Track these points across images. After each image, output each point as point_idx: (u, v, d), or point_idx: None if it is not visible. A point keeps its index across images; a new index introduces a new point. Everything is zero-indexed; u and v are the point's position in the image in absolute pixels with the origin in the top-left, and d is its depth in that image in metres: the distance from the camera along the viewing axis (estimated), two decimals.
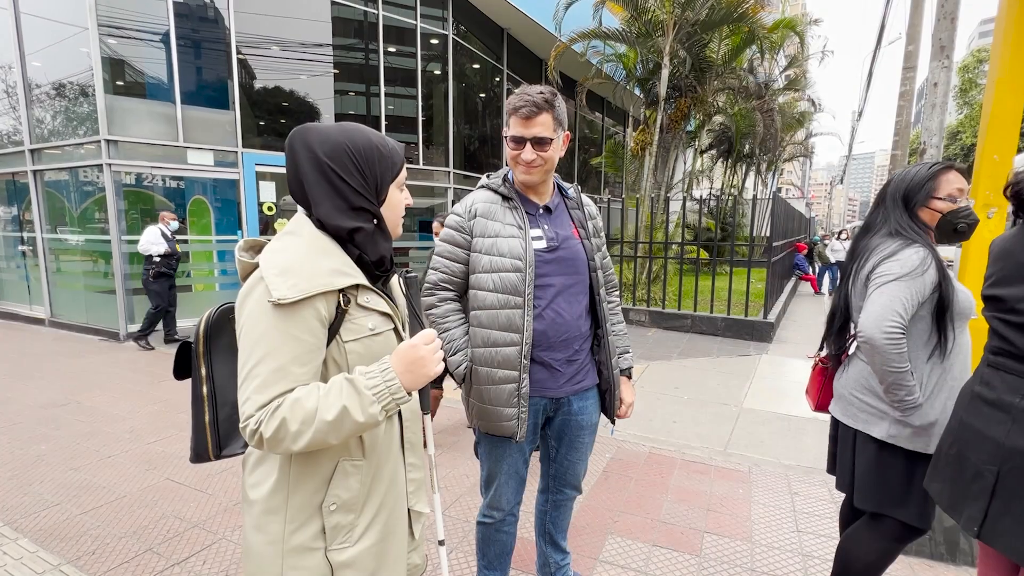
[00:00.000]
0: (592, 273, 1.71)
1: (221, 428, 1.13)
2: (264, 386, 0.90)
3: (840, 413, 1.78)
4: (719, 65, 11.24)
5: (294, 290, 0.92)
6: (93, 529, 2.62)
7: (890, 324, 1.52)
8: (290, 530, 0.99)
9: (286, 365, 0.92)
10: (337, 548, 1.02)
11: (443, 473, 3.18)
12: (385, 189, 1.08)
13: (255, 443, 0.92)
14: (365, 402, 0.93)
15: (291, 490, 1.00)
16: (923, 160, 2.48)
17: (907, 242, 1.60)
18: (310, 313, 0.94)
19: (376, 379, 0.95)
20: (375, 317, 1.06)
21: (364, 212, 1.05)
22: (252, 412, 0.90)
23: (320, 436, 0.91)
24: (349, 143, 1.02)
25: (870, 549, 1.68)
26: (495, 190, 1.68)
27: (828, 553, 2.46)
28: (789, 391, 5.04)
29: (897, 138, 7.74)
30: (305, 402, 0.91)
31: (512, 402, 1.61)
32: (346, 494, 1.02)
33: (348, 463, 1.03)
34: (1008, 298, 1.32)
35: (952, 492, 1.40)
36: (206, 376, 1.11)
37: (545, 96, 1.55)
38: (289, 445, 0.90)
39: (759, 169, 20.66)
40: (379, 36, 8.96)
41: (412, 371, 0.99)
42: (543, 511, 1.97)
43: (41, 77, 7.42)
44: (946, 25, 3.43)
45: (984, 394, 1.36)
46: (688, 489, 3.07)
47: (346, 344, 1.01)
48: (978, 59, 28.19)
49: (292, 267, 0.95)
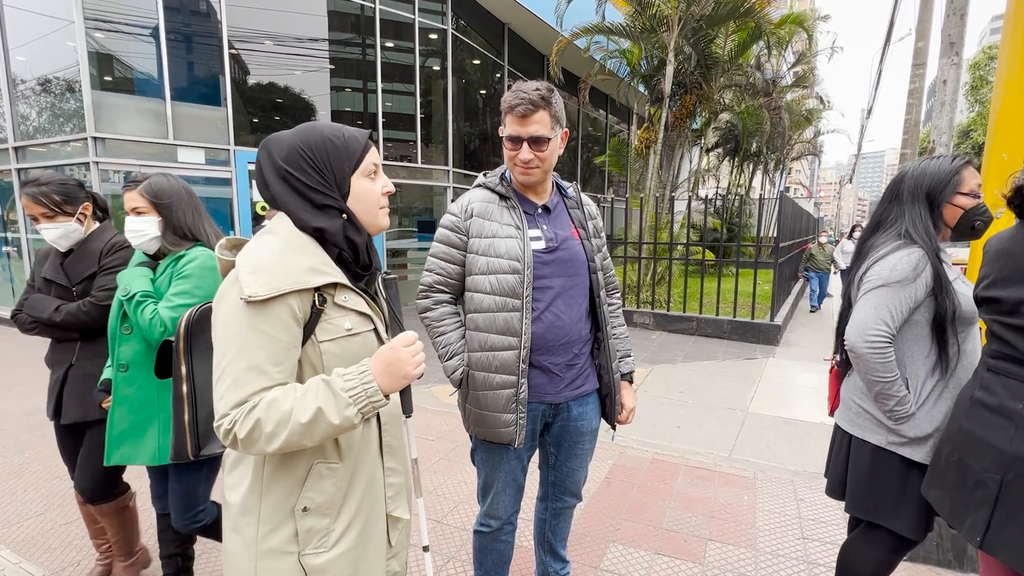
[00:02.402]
0: (592, 275, 1.71)
1: (200, 427, 1.17)
2: (237, 384, 0.92)
3: (840, 417, 1.79)
4: (725, 61, 11.28)
5: (266, 287, 0.93)
6: (78, 539, 2.62)
7: (873, 333, 1.51)
8: (263, 532, 1.00)
9: (260, 363, 0.93)
10: (311, 553, 1.02)
11: (440, 480, 3.19)
12: (346, 182, 1.07)
13: (229, 443, 0.93)
14: (341, 404, 0.94)
15: (264, 491, 1.01)
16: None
17: (903, 243, 1.57)
18: (284, 311, 0.95)
19: (353, 381, 0.96)
20: (353, 317, 1.06)
21: (329, 209, 1.06)
22: (226, 411, 0.91)
23: (295, 438, 0.92)
24: (301, 143, 1.04)
25: (868, 558, 1.69)
26: (492, 189, 1.68)
27: (833, 561, 2.47)
28: (796, 395, 5.05)
29: (906, 136, 7.76)
30: (281, 403, 0.92)
31: (510, 408, 1.62)
32: (320, 497, 1.03)
33: (323, 465, 1.03)
34: (1008, 300, 1.31)
35: (953, 500, 1.40)
36: (186, 375, 1.14)
37: (542, 93, 1.54)
38: (263, 446, 0.92)
39: (766, 168, 20.72)
40: (376, 31, 8.99)
41: (391, 372, 0.99)
42: (542, 519, 1.98)
43: (25, 72, 7.44)
44: (955, 21, 3.45)
45: (985, 400, 1.36)
46: (692, 496, 3.08)
47: (321, 344, 1.02)
48: (989, 56, 28.25)
49: (266, 265, 0.96)
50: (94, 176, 6.60)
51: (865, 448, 1.66)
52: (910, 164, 1.70)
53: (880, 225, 1.70)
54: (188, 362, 1.14)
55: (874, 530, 1.68)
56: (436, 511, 2.87)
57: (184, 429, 1.16)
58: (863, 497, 1.66)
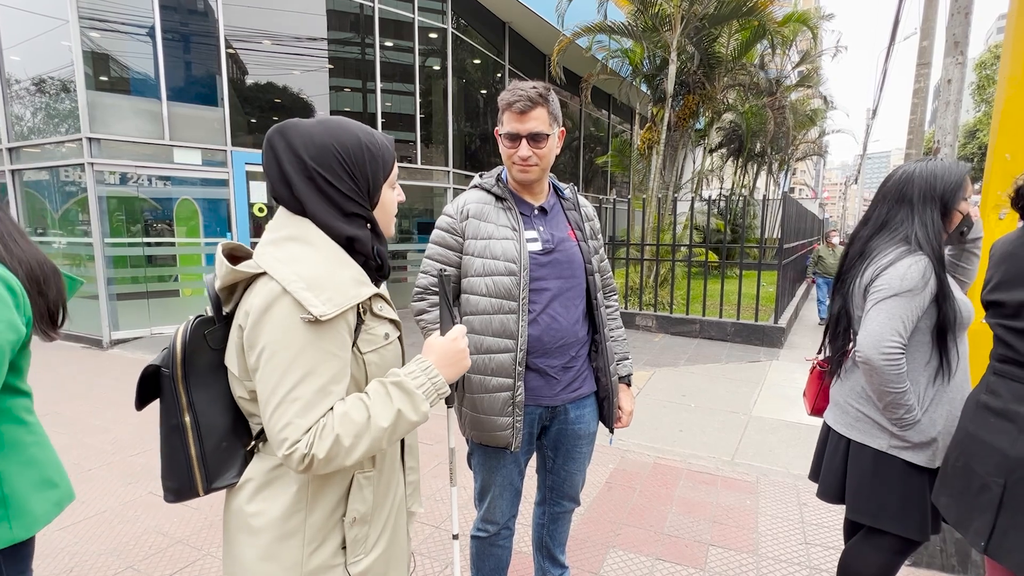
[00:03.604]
0: (589, 276, 1.72)
1: (209, 460, 1.02)
2: (307, 408, 0.90)
3: (833, 421, 1.78)
4: (729, 61, 11.30)
5: (330, 304, 0.91)
6: (71, 546, 2.63)
7: (889, 345, 1.51)
8: (309, 551, 1.00)
9: (327, 384, 0.92)
10: (355, 560, 1.05)
11: (439, 485, 3.20)
12: (378, 192, 1.06)
13: (302, 468, 0.90)
14: (417, 401, 0.98)
15: (309, 511, 1.00)
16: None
17: (908, 250, 1.57)
18: (343, 328, 0.95)
19: (421, 377, 1.01)
20: (387, 325, 1.08)
21: (358, 218, 1.03)
22: (298, 437, 0.89)
23: (376, 444, 0.95)
24: (337, 144, 0.99)
25: (870, 563, 1.69)
26: (488, 190, 1.69)
27: (836, 566, 2.47)
28: (799, 398, 5.03)
29: (911, 137, 7.76)
30: (353, 414, 0.92)
31: (506, 411, 1.62)
32: (363, 507, 1.05)
33: (361, 476, 1.05)
34: (1011, 303, 1.32)
35: (959, 506, 1.40)
36: (187, 404, 1.01)
37: (539, 90, 1.56)
38: (343, 460, 0.92)
39: (771, 168, 20.72)
40: (375, 30, 9.01)
41: (451, 363, 1.07)
42: (540, 524, 1.99)
43: (20, 72, 7.45)
44: (960, 20, 3.46)
45: (990, 403, 1.36)
46: (693, 500, 3.08)
47: (364, 355, 1.02)
48: (995, 55, 28.32)
49: (320, 280, 0.93)
50: (89, 177, 6.61)
51: (866, 452, 1.66)
52: (911, 164, 1.68)
53: (886, 225, 1.67)
54: (187, 389, 1.01)
55: (876, 534, 1.68)
56: (434, 516, 2.88)
57: (192, 464, 1.02)
58: (866, 502, 1.66)
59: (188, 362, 0.99)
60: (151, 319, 7.36)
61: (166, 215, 7.51)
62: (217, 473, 1.04)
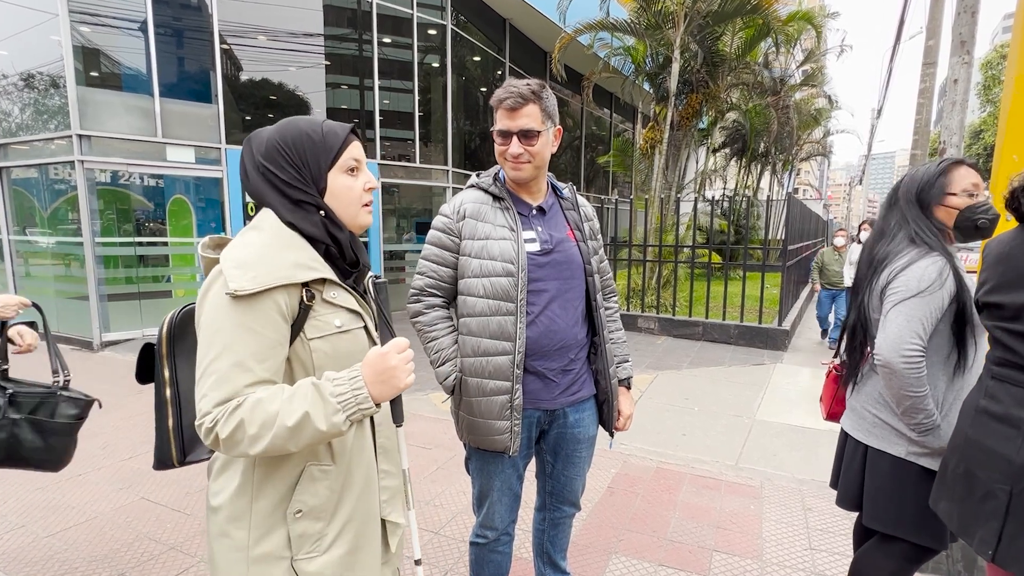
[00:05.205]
0: (588, 277, 1.73)
1: (185, 433, 1.16)
2: (221, 381, 0.92)
3: (851, 427, 1.79)
4: (732, 59, 11.32)
5: (252, 282, 0.94)
6: (61, 552, 2.62)
7: (909, 347, 1.52)
8: (255, 537, 1.01)
9: (244, 360, 0.94)
10: (305, 557, 1.03)
11: (438, 490, 3.20)
12: (323, 177, 1.08)
13: (210, 442, 0.93)
14: (329, 410, 0.94)
15: (255, 495, 1.02)
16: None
17: (923, 251, 1.59)
18: (270, 306, 0.96)
19: (343, 387, 0.96)
20: (343, 314, 1.08)
21: (306, 205, 1.07)
22: (209, 409, 0.91)
23: (279, 442, 0.92)
24: (278, 137, 1.06)
25: (883, 570, 1.70)
26: (485, 190, 1.69)
27: (842, 572, 2.48)
28: (804, 402, 5.05)
29: (917, 137, 7.78)
30: (267, 404, 0.92)
31: (504, 415, 1.63)
32: (314, 500, 1.04)
33: (316, 468, 1.04)
34: (1009, 305, 1.32)
35: (962, 513, 1.40)
36: (169, 379, 1.14)
37: (532, 87, 1.57)
38: (246, 448, 0.92)
39: (775, 169, 20.75)
40: (373, 26, 9.01)
41: (383, 382, 0.99)
42: (540, 530, 1.99)
43: (8, 67, 7.43)
44: (966, 19, 3.48)
45: (991, 409, 1.36)
46: (697, 505, 3.09)
47: (311, 342, 1.03)
48: (1001, 55, 28.39)
49: (251, 260, 0.97)
50: (79, 175, 6.60)
51: (884, 459, 1.66)
52: (910, 169, 1.76)
53: (884, 233, 1.73)
54: (171, 365, 1.13)
55: (890, 541, 1.69)
56: (433, 522, 2.88)
57: (168, 435, 1.15)
58: (884, 509, 1.67)
59: (174, 341, 1.14)
60: (143, 320, 7.35)
61: (158, 214, 7.51)
62: (192, 447, 1.18)
